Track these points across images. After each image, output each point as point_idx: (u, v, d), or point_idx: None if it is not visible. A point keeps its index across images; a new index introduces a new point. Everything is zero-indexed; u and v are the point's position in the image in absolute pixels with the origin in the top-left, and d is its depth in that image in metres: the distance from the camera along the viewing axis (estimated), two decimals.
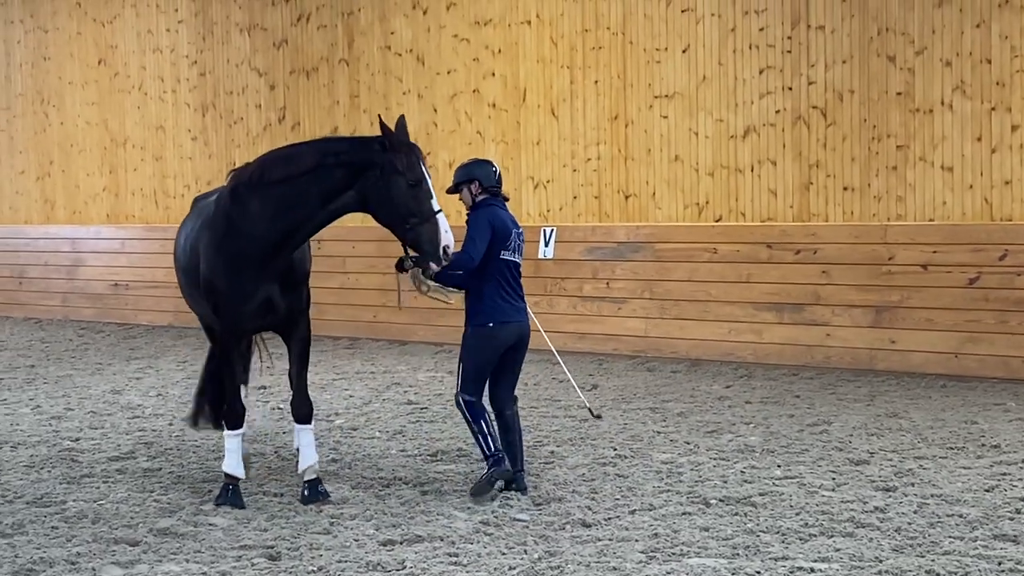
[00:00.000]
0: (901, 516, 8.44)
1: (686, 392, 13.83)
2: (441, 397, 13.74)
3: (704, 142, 16.36)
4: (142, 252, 21.62)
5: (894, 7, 14.96)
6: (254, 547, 8.03)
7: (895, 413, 12.29)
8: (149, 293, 21.35)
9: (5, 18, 24.23)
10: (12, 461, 10.87)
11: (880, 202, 15.16)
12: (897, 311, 14.83)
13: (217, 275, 9.32)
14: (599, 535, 8.15)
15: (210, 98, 21.36)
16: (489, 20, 18.13)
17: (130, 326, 21.31)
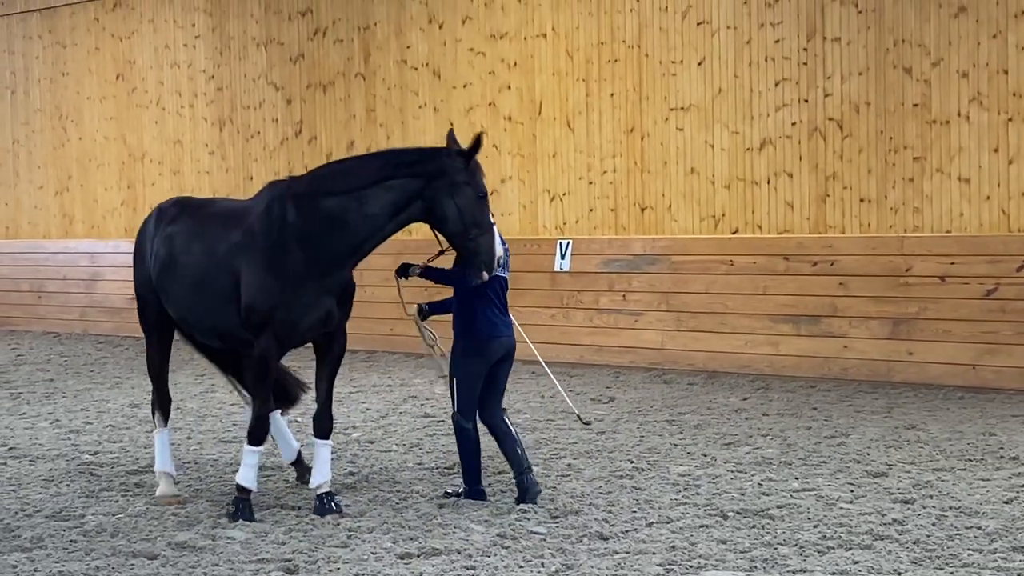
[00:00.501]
0: (920, 528, 8.41)
1: (703, 404, 13.80)
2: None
3: (720, 154, 16.35)
4: None
5: (910, 19, 14.94)
6: (272, 560, 8.02)
7: (913, 425, 12.24)
8: None
9: (24, 34, 24.33)
10: (31, 475, 10.89)
11: (897, 214, 15.13)
12: (914, 323, 14.78)
13: (275, 288, 9.12)
14: (616, 548, 8.13)
15: (227, 112, 21.41)
16: (505, 33, 18.15)
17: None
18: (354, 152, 19.54)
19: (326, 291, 9.19)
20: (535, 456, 11.10)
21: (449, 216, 9.10)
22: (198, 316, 9.75)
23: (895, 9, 15.04)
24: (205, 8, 21.58)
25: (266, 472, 10.74)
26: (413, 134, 19.07)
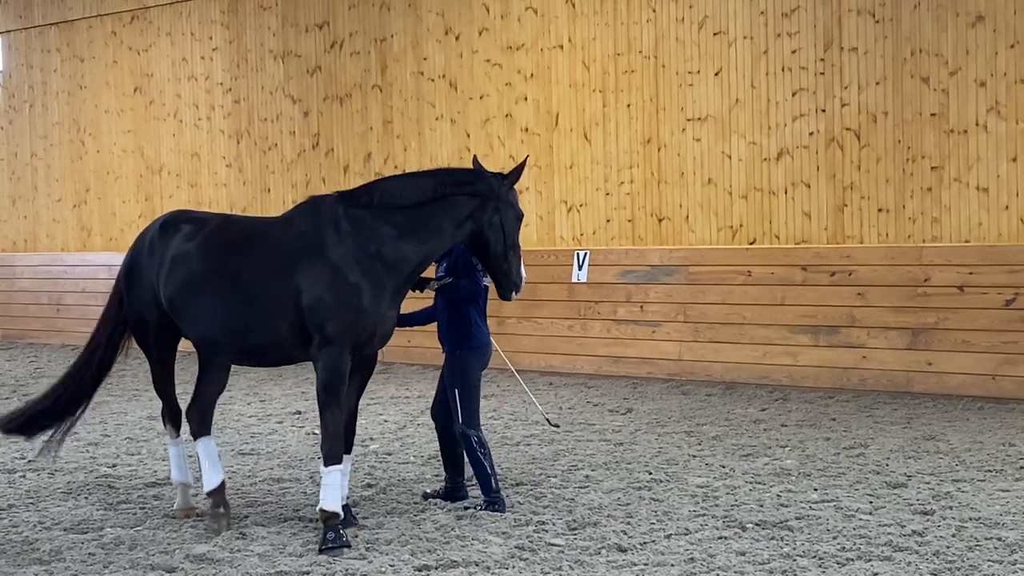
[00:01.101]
0: (939, 540, 8.38)
1: (721, 415, 13.78)
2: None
3: (737, 165, 16.34)
4: None
5: (927, 28, 14.92)
6: (290, 573, 8.02)
7: (932, 436, 12.21)
8: None
9: (42, 47, 24.43)
10: (50, 487, 10.91)
11: (915, 223, 15.10)
12: (933, 333, 14.75)
13: (358, 300, 8.98)
14: (635, 560, 8.11)
15: (244, 125, 21.47)
16: (521, 45, 18.17)
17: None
18: (371, 164, 19.61)
19: (395, 303, 9.21)
20: (554, 467, 11.10)
21: (494, 238, 9.17)
22: (236, 334, 9.29)
23: (912, 19, 15.03)
24: (222, 21, 21.65)
25: (284, 484, 10.76)
26: (430, 146, 19.11)
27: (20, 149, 24.98)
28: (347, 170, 19.91)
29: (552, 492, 10.14)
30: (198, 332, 9.46)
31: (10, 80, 25.07)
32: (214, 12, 21.76)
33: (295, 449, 12.41)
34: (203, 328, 9.39)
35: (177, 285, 9.41)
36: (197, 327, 9.43)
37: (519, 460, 11.54)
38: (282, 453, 12.22)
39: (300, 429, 13.57)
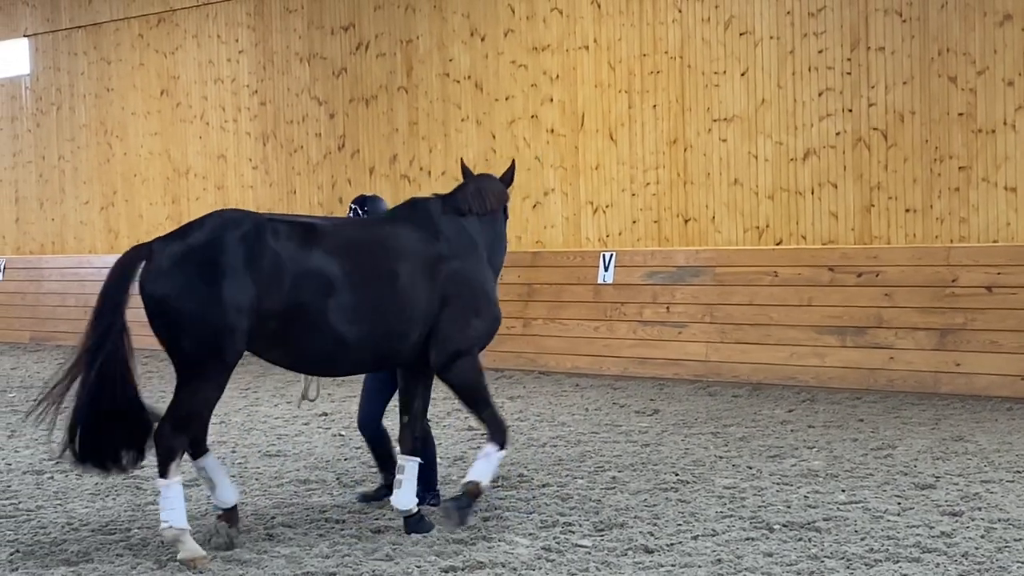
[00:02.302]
0: (968, 541, 8.34)
1: (748, 416, 13.75)
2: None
3: (764, 165, 16.31)
4: None
5: (955, 27, 14.86)
6: (316, 574, 8.03)
7: (961, 437, 12.15)
8: None
9: (69, 50, 24.54)
10: (78, 489, 10.95)
11: (943, 224, 15.05)
12: (961, 333, 14.69)
13: (492, 309, 9.16)
14: (662, 561, 8.10)
15: (271, 127, 21.52)
16: (547, 46, 18.17)
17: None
18: (397, 166, 19.65)
19: None
20: (580, 468, 11.09)
21: (502, 243, 9.56)
22: (366, 342, 8.80)
23: (939, 18, 14.97)
24: (248, 23, 21.71)
25: (310, 486, 10.77)
26: (456, 147, 19.12)
27: (48, 152, 25.09)
28: (373, 172, 19.94)
29: (579, 493, 10.12)
30: (317, 343, 8.72)
31: (37, 83, 25.19)
32: (240, 15, 21.82)
33: (321, 451, 12.43)
34: (326, 339, 8.70)
35: (290, 294, 8.56)
36: (317, 337, 8.70)
37: (545, 461, 11.53)
38: (308, 455, 12.24)
39: (327, 431, 13.59)
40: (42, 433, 10.15)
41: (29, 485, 11.16)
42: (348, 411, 14.86)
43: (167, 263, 8.85)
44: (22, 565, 8.50)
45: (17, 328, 25.15)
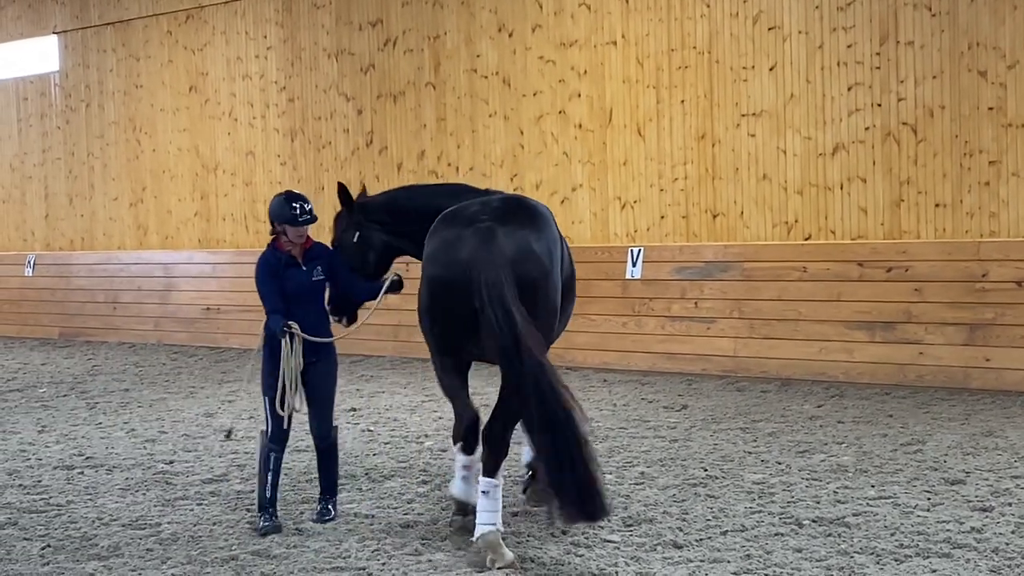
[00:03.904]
0: (999, 536, 8.32)
1: (777, 412, 13.74)
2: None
3: (792, 160, 16.28)
4: (233, 276, 21.78)
5: (984, 21, 14.81)
6: (346, 569, 8.08)
7: (991, 432, 12.12)
8: (240, 317, 21.45)
9: (98, 47, 24.64)
10: (108, 484, 11.02)
11: (973, 218, 15.00)
12: (991, 328, 14.64)
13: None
14: (691, 556, 8.11)
15: (299, 124, 21.58)
16: (575, 41, 18.17)
17: (221, 350, 21.51)
18: (425, 162, 19.67)
19: None
20: (607, 464, 11.10)
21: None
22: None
23: (969, 12, 14.92)
24: (276, 20, 21.76)
25: (341, 481, 10.79)
26: (483, 143, 19.14)
27: (77, 148, 25.21)
28: (400, 168, 19.97)
29: (607, 489, 10.13)
30: (556, 332, 8.99)
31: (67, 80, 25.31)
32: (268, 11, 21.87)
33: (351, 446, 12.47)
34: (564, 317, 9.08)
35: (566, 278, 9.00)
36: (559, 325, 9.01)
37: None
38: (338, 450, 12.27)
39: (356, 426, 13.63)
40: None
41: (60, 480, 11.24)
42: (376, 407, 14.91)
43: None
44: (53, 559, 8.57)
45: (46, 324, 25.29)
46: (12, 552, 8.78)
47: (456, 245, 8.49)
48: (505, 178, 18.41)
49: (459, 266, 8.33)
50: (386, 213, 9.86)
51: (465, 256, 8.32)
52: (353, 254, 9.84)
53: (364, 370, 18.18)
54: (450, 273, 8.43)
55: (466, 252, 8.34)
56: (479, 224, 8.48)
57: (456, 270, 8.36)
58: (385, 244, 9.88)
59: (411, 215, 9.71)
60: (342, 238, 9.91)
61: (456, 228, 8.62)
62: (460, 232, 8.54)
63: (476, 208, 8.77)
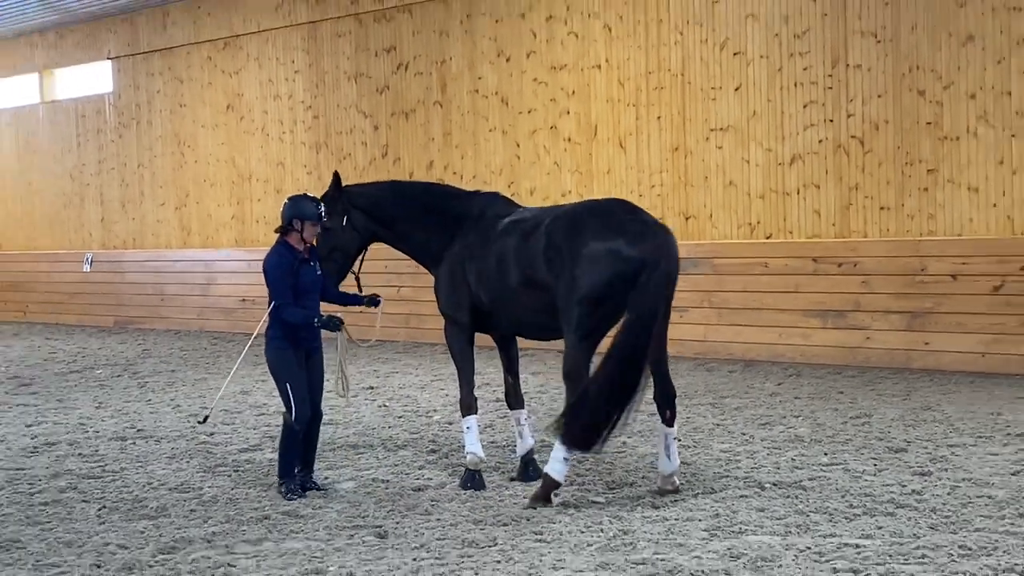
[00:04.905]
0: (936, 498, 8.32)
1: (741, 389, 13.73)
2: (526, 395, 13.70)
3: (755, 169, 16.26)
4: None
5: (924, 47, 14.79)
6: (365, 527, 8.07)
7: (929, 406, 12.12)
8: None
9: (147, 71, 24.60)
10: (156, 453, 11.01)
11: (913, 220, 14.98)
12: (930, 316, 14.63)
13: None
14: (666, 515, 8.10)
15: (323, 138, 21.54)
16: (564, 65, 18.14)
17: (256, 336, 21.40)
18: (433, 171, 19.64)
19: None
20: None
21: None
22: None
23: (910, 39, 14.89)
24: (303, 47, 21.72)
25: (359, 450, 10.80)
26: (484, 154, 19.11)
27: (129, 160, 25.17)
28: (411, 176, 19.92)
29: (592, 457, 10.12)
30: None
31: (119, 100, 25.27)
32: (296, 39, 21.83)
33: (368, 420, 12.46)
34: None
35: None
36: None
37: None
38: (357, 423, 12.28)
39: (373, 402, 13.62)
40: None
41: (114, 450, 11.23)
42: (390, 385, 14.90)
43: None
44: (108, 519, 8.56)
45: (103, 314, 25.28)
46: (73, 512, 8.78)
47: (642, 239, 8.44)
48: (503, 185, 18.38)
49: (657, 255, 8.42)
50: (373, 203, 9.76)
51: (661, 247, 8.48)
52: (338, 234, 9.62)
53: (379, 353, 18.16)
54: (646, 256, 8.40)
55: (660, 243, 8.51)
56: (647, 220, 8.66)
57: (651, 259, 8.39)
58: (369, 230, 9.74)
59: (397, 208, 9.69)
60: (331, 220, 9.58)
61: (627, 224, 8.54)
62: (641, 229, 8.52)
63: (621, 205, 8.86)
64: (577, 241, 8.44)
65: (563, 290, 8.45)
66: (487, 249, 9.07)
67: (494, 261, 8.98)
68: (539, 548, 7.39)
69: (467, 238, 9.28)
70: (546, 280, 8.60)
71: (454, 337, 9.41)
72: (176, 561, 7.40)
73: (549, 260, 8.57)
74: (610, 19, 17.59)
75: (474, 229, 9.28)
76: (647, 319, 8.32)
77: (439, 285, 9.49)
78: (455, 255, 9.31)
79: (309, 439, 9.27)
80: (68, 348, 20.97)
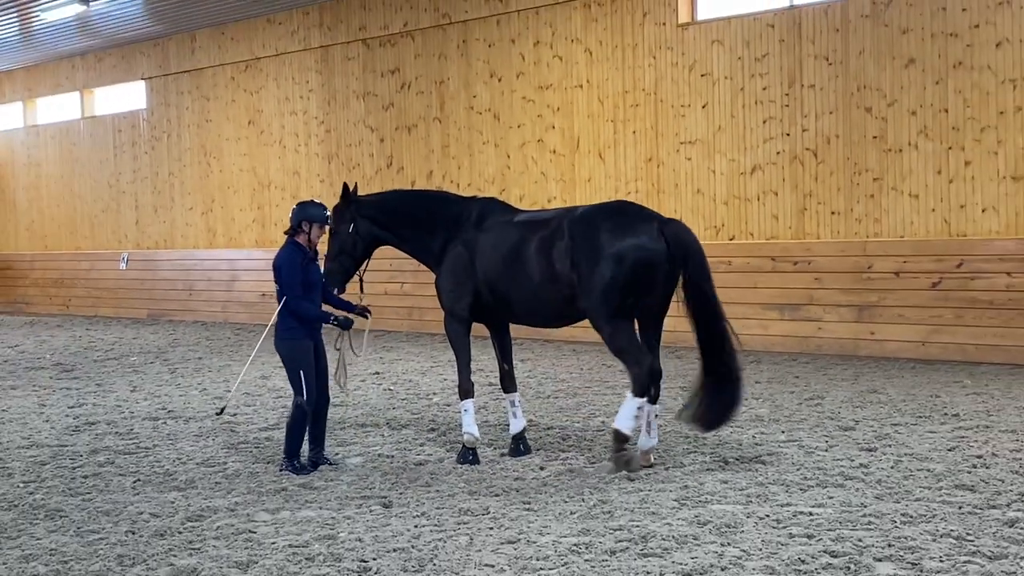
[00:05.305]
0: (881, 471, 8.33)
1: None
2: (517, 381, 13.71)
3: (720, 178, 16.26)
4: None
5: (871, 68, 14.80)
6: (372, 497, 8.06)
7: (875, 389, 12.13)
8: None
9: (176, 90, 24.54)
10: (184, 431, 10.98)
11: (861, 223, 14.99)
12: (875, 309, 14.65)
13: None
14: (640, 487, 8.10)
15: (334, 150, 21.51)
16: (550, 85, 18.12)
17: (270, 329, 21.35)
18: (433, 179, 19.60)
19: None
20: (576, 415, 11.08)
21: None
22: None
23: (858, 62, 14.91)
24: (316, 68, 21.68)
25: (366, 429, 10.78)
26: (479, 165, 19.09)
27: (160, 169, 25.11)
28: (413, 184, 19.91)
29: (575, 435, 10.13)
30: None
31: (152, 115, 25.20)
32: (310, 61, 21.79)
33: (375, 402, 12.44)
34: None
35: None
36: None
37: (549, 410, 11.53)
38: (365, 405, 12.26)
39: (379, 386, 13.60)
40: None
41: (147, 429, 11.20)
42: (394, 371, 14.88)
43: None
44: (142, 490, 8.54)
45: (137, 307, 25.23)
46: (110, 484, 8.76)
47: (658, 235, 8.66)
48: (495, 192, 18.36)
49: (677, 244, 8.69)
50: (378, 211, 9.73)
51: (682, 238, 8.77)
52: (345, 240, 9.60)
53: (385, 342, 18.14)
54: (663, 249, 8.66)
55: (681, 235, 8.77)
56: (654, 216, 8.83)
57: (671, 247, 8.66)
58: (373, 235, 9.70)
59: (400, 215, 9.67)
60: (339, 227, 9.61)
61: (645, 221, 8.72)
62: (652, 225, 8.72)
63: (637, 207, 9.10)
64: (603, 238, 8.54)
65: (591, 286, 8.52)
66: (499, 247, 9.05)
67: (510, 258, 8.97)
68: (527, 516, 7.38)
69: (470, 238, 9.25)
70: (568, 275, 8.64)
71: (454, 328, 9.40)
72: (202, 528, 7.38)
73: (573, 257, 8.60)
74: (591, 44, 17.58)
75: (478, 229, 9.26)
76: (698, 285, 8.92)
77: (441, 282, 9.47)
78: (458, 254, 9.28)
79: (319, 420, 9.20)
80: (106, 338, 20.91)
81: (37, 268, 28.15)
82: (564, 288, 8.70)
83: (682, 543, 6.63)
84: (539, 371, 14.45)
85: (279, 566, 6.46)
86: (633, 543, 6.65)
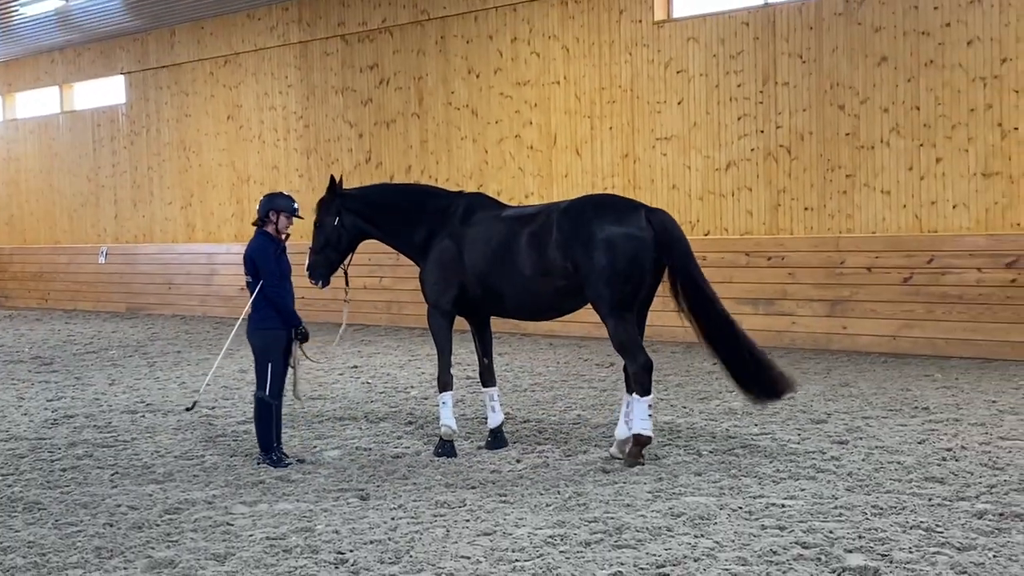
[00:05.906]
0: (852, 463, 8.37)
1: (682, 368, 13.76)
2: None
3: (695, 174, 16.29)
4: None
5: (843, 66, 14.85)
6: (349, 490, 8.05)
7: (847, 383, 12.18)
8: None
9: (155, 85, 24.41)
10: (163, 424, 10.94)
11: (833, 219, 15.05)
12: (847, 304, 14.72)
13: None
14: (616, 479, 8.12)
15: (312, 145, 21.44)
16: (527, 81, 18.12)
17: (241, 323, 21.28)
18: (411, 174, 19.57)
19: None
20: (553, 408, 11.09)
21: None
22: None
23: (831, 59, 14.96)
24: (295, 64, 21.60)
25: (344, 422, 10.76)
26: (457, 160, 19.07)
27: (139, 164, 24.98)
28: (392, 179, 19.86)
29: (551, 428, 10.14)
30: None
31: (131, 110, 25.06)
32: (289, 57, 21.71)
33: (353, 395, 12.43)
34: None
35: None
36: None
37: (526, 403, 11.54)
38: (343, 398, 12.24)
39: (357, 380, 13.58)
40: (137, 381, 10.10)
41: (125, 422, 11.16)
42: (373, 364, 14.86)
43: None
44: (120, 483, 8.50)
45: (116, 301, 25.11)
46: (89, 477, 8.72)
47: (646, 224, 8.60)
48: (473, 188, 18.34)
49: (664, 233, 8.63)
50: (364, 204, 9.67)
51: (667, 227, 8.68)
52: (330, 232, 9.54)
53: (363, 336, 18.11)
54: (651, 237, 8.59)
55: (667, 223, 8.69)
56: (640, 206, 8.76)
57: (660, 236, 8.61)
58: (358, 229, 9.65)
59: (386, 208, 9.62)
60: (324, 219, 9.57)
61: (631, 212, 8.67)
62: (639, 214, 8.65)
63: (625, 200, 9.04)
64: (593, 229, 8.52)
65: (592, 276, 8.51)
66: (489, 241, 9.01)
67: (500, 252, 8.92)
68: (503, 508, 7.39)
69: (458, 232, 9.20)
70: (562, 267, 8.62)
71: (437, 322, 9.37)
72: (180, 520, 7.36)
73: (566, 248, 8.58)
74: (568, 41, 17.58)
75: (465, 224, 9.21)
76: (685, 271, 8.88)
77: (426, 275, 9.41)
78: (445, 247, 9.22)
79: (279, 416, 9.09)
80: (85, 331, 20.80)
81: (16, 262, 27.98)
82: (557, 280, 8.69)
83: (656, 535, 6.64)
84: (516, 365, 14.45)
85: (256, 558, 6.45)
86: (607, 535, 6.66)
